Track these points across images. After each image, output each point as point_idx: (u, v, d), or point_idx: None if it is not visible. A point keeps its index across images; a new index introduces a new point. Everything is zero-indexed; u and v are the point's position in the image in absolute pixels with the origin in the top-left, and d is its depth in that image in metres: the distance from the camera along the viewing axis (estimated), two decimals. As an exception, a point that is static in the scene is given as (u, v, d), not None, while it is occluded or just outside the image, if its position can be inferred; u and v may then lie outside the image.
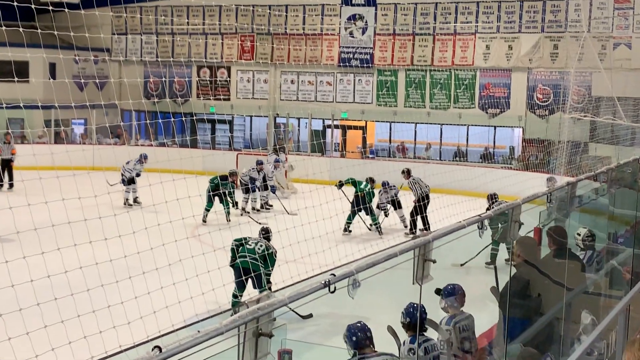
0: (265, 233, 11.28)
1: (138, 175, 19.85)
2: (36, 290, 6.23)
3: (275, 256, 10.79)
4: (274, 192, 20.56)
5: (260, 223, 16.42)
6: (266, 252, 10.70)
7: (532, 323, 6.64)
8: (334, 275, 3.54)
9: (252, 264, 10.42)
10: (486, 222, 5.30)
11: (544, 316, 6.71)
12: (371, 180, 18.20)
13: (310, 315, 10.14)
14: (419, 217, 17.31)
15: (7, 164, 22.43)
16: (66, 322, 6.15)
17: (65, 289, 6.39)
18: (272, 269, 10.71)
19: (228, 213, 18.21)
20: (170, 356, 2.73)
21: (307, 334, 9.88)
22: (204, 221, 17.84)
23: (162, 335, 7.09)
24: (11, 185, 22.16)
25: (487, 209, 15.53)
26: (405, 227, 17.92)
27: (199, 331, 2.89)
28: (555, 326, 6.82)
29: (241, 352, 3.25)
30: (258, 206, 20.47)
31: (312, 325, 10.22)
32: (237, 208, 18.95)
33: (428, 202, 17.09)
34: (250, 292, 10.51)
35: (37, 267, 6.33)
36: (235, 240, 10.93)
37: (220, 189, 17.76)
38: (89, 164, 23.93)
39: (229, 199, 18.32)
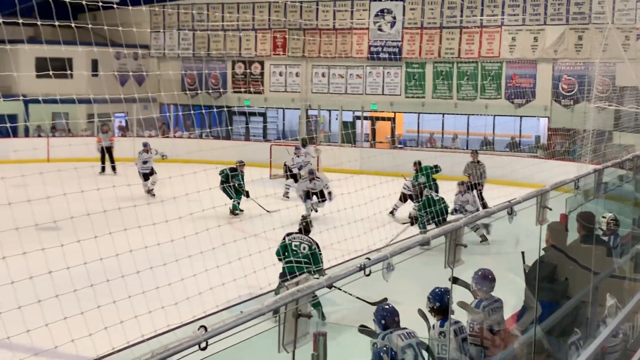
0: (305, 224, 10.97)
1: (150, 167, 20.30)
2: (90, 275, 6.52)
3: (319, 251, 10.58)
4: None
5: (269, 211, 16.82)
6: (309, 252, 10.46)
7: (559, 306, 6.67)
8: (369, 259, 3.66)
9: (297, 268, 10.04)
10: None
11: (570, 299, 6.75)
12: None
13: (385, 300, 9.37)
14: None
15: (108, 151, 24.81)
16: (118, 303, 6.49)
17: (116, 272, 6.65)
18: (321, 266, 10.44)
19: (238, 204, 17.88)
20: (214, 335, 2.86)
21: (341, 317, 10.02)
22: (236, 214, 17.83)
23: (207, 316, 7.43)
24: (113, 168, 24.52)
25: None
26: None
27: (241, 312, 3.03)
28: (582, 309, 6.91)
29: (281, 332, 3.33)
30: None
31: (346, 309, 10.32)
32: (248, 197, 17.95)
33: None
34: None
35: (75, 254, 6.56)
36: (281, 242, 10.65)
37: (230, 180, 17.45)
38: (129, 155, 25.15)
39: (239, 190, 17.82)
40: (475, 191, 17.79)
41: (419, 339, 6.03)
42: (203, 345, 2.80)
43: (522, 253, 7.03)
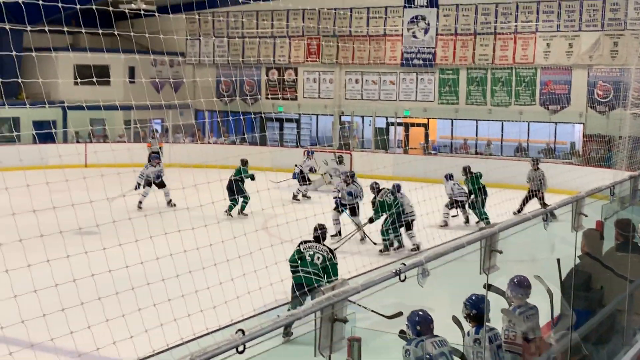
0: (322, 229, 10.48)
1: (159, 177, 19.52)
2: (131, 278, 6.53)
3: (336, 260, 10.03)
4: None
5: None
6: (324, 264, 9.86)
7: (595, 314, 6.66)
8: (404, 264, 3.65)
9: (308, 279, 9.68)
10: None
11: (606, 307, 6.74)
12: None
13: (400, 314, 9.20)
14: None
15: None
16: (158, 306, 6.51)
17: (156, 275, 6.74)
18: (337, 278, 9.31)
19: (245, 205, 18.26)
20: (252, 338, 2.87)
21: (375, 323, 9.63)
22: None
23: (245, 319, 7.28)
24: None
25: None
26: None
27: (278, 316, 3.05)
28: (617, 317, 6.87)
29: (318, 337, 3.35)
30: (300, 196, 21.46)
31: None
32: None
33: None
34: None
35: (117, 257, 6.61)
36: (296, 249, 10.15)
37: (243, 180, 17.93)
38: (165, 161, 25.42)
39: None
40: (536, 199, 18.08)
41: (451, 347, 5.97)
42: (241, 348, 2.82)
43: (558, 260, 6.95)
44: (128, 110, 27.00)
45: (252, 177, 17.50)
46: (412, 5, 28.88)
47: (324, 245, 10.18)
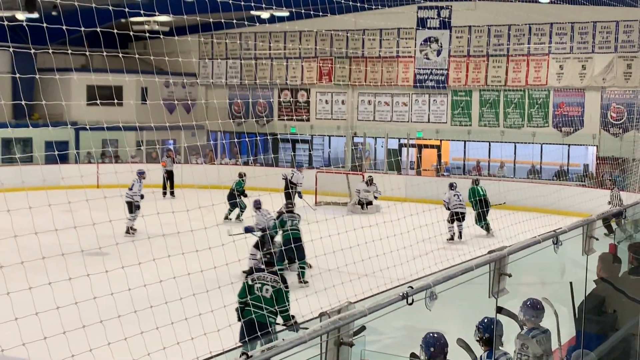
0: (270, 257, 9.42)
1: (142, 197, 18.76)
2: (134, 301, 6.56)
3: (287, 289, 9.17)
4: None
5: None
6: (273, 295, 8.96)
7: (607, 338, 6.62)
8: (412, 287, 3.62)
9: (259, 317, 8.75)
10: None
11: (619, 331, 6.69)
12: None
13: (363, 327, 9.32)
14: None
15: (170, 175, 25.65)
16: (161, 328, 6.39)
17: (159, 298, 6.71)
18: (287, 306, 9.07)
19: (242, 213, 20.48)
20: None
21: (384, 346, 9.85)
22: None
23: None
24: (172, 193, 25.41)
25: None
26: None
27: (283, 339, 3.02)
28: (631, 342, 6.84)
29: None
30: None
31: (389, 338, 10.18)
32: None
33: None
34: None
35: (120, 279, 6.52)
36: (244, 282, 9.23)
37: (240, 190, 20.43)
38: (178, 182, 25.43)
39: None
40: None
41: None
42: None
43: (571, 284, 6.85)
44: (140, 131, 27.12)
45: (244, 193, 20.06)
46: (425, 27, 28.91)
47: (273, 274, 9.23)
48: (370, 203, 23.18)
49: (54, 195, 7.05)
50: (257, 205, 15.72)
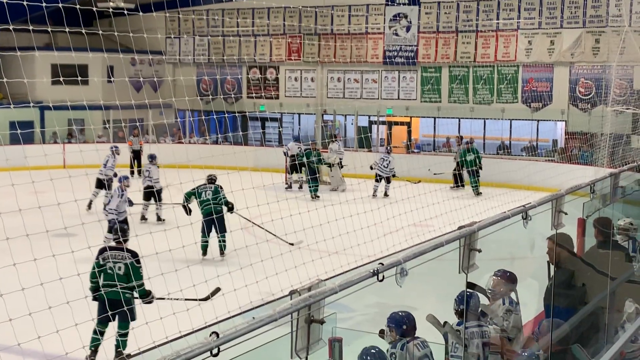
0: (122, 231, 9.10)
1: (115, 175, 18.02)
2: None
3: (139, 263, 8.87)
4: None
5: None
6: (126, 272, 8.79)
7: (577, 312, 6.66)
8: (382, 264, 3.60)
9: (114, 297, 8.47)
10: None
11: (588, 305, 6.74)
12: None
13: (218, 289, 8.59)
14: None
15: (137, 154, 25.42)
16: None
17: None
18: (142, 281, 8.85)
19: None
20: (226, 341, 2.85)
21: (356, 323, 9.90)
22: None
23: (219, 322, 7.02)
24: (139, 172, 24.32)
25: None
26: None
27: (254, 318, 2.99)
28: (600, 315, 6.88)
29: (294, 339, 3.34)
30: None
31: (361, 315, 10.28)
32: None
33: None
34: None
35: (87, 260, 6.78)
36: (95, 262, 8.92)
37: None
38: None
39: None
40: None
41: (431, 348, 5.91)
42: (215, 351, 2.78)
43: (548, 263, 6.80)
44: (106, 110, 26.73)
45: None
46: (394, 3, 28.77)
47: (125, 250, 9.03)
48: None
49: (19, 176, 6.87)
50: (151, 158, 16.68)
